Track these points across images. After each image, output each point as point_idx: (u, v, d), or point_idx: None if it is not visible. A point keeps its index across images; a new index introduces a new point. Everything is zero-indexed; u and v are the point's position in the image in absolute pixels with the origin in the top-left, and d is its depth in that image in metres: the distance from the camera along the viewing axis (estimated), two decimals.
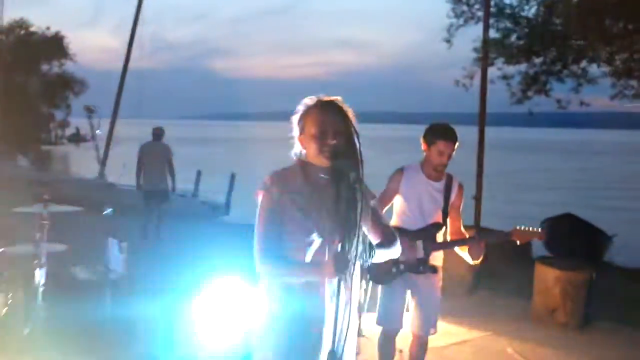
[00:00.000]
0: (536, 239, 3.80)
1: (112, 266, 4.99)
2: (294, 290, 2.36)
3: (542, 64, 9.75)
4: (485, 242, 3.75)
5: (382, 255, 2.48)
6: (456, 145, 3.87)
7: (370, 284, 3.99)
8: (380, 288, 3.97)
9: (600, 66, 9.38)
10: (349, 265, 2.21)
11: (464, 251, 3.82)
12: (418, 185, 3.91)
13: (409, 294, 3.97)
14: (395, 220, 3.93)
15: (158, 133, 9.84)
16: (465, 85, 10.73)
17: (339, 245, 2.23)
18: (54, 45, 38.60)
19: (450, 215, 3.92)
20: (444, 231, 3.94)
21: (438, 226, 3.89)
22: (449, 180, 3.96)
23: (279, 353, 2.36)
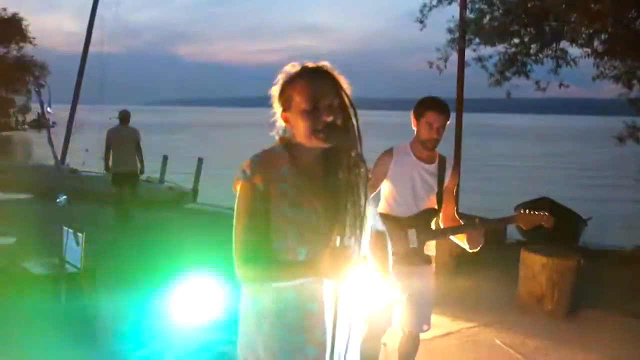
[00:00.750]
0: (543, 224, 3.46)
1: (69, 259, 4.53)
2: (285, 295, 1.96)
3: (520, 44, 9.47)
4: (485, 229, 3.40)
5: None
6: (448, 119, 3.53)
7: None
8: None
9: (580, 47, 9.14)
10: (349, 263, 1.80)
11: (461, 240, 3.47)
12: (409, 168, 3.55)
13: (398, 288, 3.61)
14: (384, 207, 3.56)
15: (125, 117, 9.74)
16: (439, 68, 10.49)
17: (338, 239, 1.82)
18: (12, 27, 37.40)
19: (444, 200, 3.57)
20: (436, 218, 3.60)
21: (432, 212, 3.53)
22: (442, 161, 3.61)
23: None
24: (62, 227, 4.56)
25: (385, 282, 2.26)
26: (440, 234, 3.57)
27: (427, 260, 3.57)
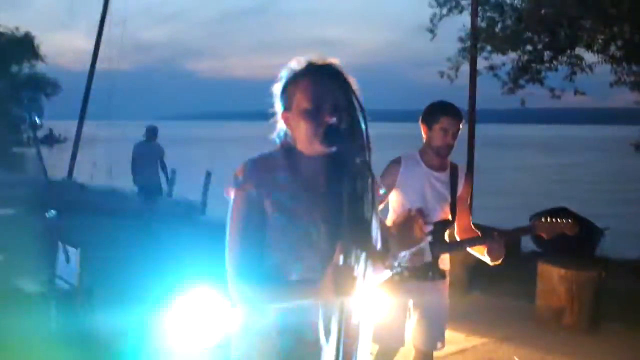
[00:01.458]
0: (567, 232, 3.22)
1: (63, 276, 4.33)
2: (278, 319, 1.75)
3: (533, 52, 9.26)
4: (506, 240, 3.15)
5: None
6: (462, 124, 3.32)
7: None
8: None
9: (595, 53, 8.92)
10: (354, 283, 1.57)
11: (480, 252, 3.24)
12: (419, 177, 3.33)
13: (410, 304, 3.40)
14: (393, 219, 3.35)
15: (151, 132, 10.20)
16: (450, 77, 10.32)
17: (341, 257, 1.58)
18: (24, 46, 37.80)
19: (457, 210, 3.36)
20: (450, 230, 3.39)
21: (446, 224, 3.32)
22: (454, 169, 3.40)
23: None
24: (57, 243, 4.37)
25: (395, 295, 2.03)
26: (457, 247, 3.37)
27: (442, 274, 3.36)
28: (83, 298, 4.31)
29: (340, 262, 1.58)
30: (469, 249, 3.30)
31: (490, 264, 3.18)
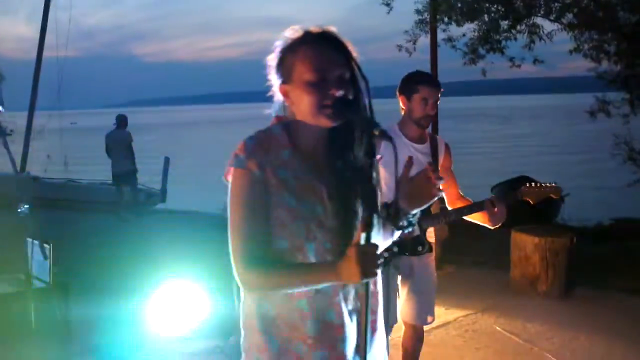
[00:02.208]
0: (552, 196, 3.17)
1: (36, 273, 4.13)
2: (297, 304, 1.64)
3: (492, 22, 9.27)
4: (506, 204, 3.08)
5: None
6: (440, 92, 3.26)
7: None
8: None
9: (552, 21, 9.00)
10: (377, 262, 1.48)
11: (478, 218, 3.17)
12: (401, 151, 3.25)
13: (399, 280, 3.35)
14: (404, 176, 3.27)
15: (122, 120, 11.18)
16: (408, 51, 10.31)
17: (363, 235, 1.48)
18: None
19: (443, 180, 3.29)
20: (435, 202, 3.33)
21: None
22: (433, 139, 3.36)
23: None
24: (27, 240, 4.15)
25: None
26: (444, 217, 3.30)
27: (430, 248, 3.32)
28: (58, 294, 4.13)
29: (362, 242, 1.49)
30: (467, 217, 3.23)
31: (491, 227, 3.12)
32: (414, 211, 1.73)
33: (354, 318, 1.68)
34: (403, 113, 3.31)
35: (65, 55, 15.76)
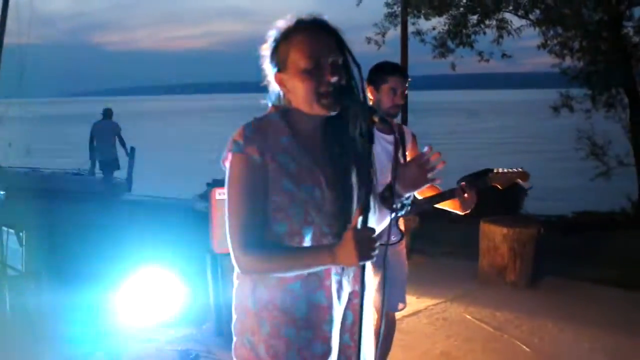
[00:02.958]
0: (519, 181, 3.23)
1: (10, 261, 4.06)
2: (290, 286, 1.68)
3: (460, 16, 9.39)
4: (476, 189, 3.13)
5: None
6: (408, 82, 3.29)
7: None
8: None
9: (520, 17, 9.15)
10: (375, 246, 1.55)
11: (449, 205, 3.21)
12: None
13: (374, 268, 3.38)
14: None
15: (108, 112, 12.12)
16: (377, 43, 10.38)
17: (360, 219, 1.56)
18: None
19: None
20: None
21: None
22: (400, 129, 3.39)
23: None
24: (1, 228, 4.07)
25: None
26: (419, 205, 3.34)
27: (402, 235, 3.36)
28: (31, 283, 4.07)
29: (359, 226, 1.55)
30: (437, 205, 3.27)
31: (462, 213, 3.17)
32: (407, 194, 1.77)
33: (342, 300, 1.73)
34: (371, 103, 3.34)
35: (27, 43, 15.44)
